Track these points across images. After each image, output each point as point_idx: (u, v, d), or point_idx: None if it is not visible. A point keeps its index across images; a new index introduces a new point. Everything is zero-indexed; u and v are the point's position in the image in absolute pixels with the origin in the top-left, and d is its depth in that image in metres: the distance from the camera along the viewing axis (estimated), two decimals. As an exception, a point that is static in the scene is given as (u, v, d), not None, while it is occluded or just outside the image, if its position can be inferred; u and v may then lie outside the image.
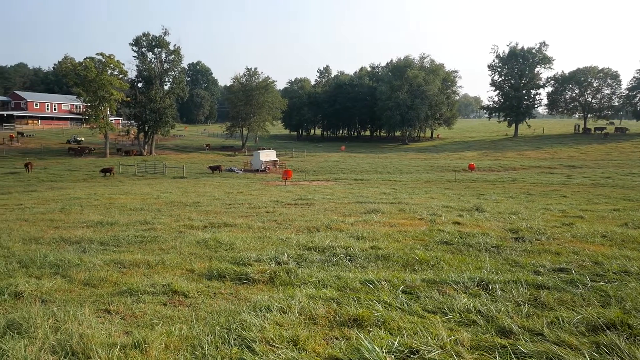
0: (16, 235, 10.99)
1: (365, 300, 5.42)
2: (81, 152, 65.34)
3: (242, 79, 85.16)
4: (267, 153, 56.45)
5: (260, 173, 50.71)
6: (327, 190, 26.79)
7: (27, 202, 21.25)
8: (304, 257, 7.87)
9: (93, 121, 65.29)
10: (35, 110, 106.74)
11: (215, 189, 29.17)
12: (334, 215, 14.19)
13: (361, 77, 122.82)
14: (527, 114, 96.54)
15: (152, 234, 10.70)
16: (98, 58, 64.01)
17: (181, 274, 7.07)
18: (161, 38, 69.52)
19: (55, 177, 44.23)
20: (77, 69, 62.79)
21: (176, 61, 72.71)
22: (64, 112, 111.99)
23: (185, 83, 78.88)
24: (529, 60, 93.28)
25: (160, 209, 16.86)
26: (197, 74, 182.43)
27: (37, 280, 6.66)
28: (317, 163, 58.91)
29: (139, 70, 70.49)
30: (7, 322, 4.72)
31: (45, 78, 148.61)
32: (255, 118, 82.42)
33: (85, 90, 63.05)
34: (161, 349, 4.13)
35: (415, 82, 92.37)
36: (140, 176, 46.27)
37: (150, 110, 68.70)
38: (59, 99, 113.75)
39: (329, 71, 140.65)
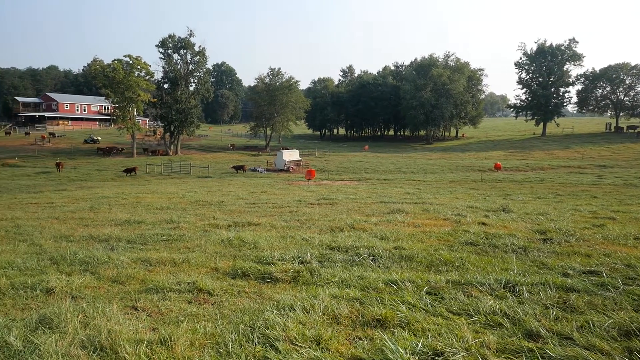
0: (48, 233, 11.32)
1: (389, 301, 5.38)
2: (109, 152, 66.87)
3: (266, 79, 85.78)
4: (291, 153, 56.66)
5: (284, 173, 50.95)
6: (350, 190, 26.73)
7: (58, 200, 21.87)
8: (327, 257, 7.87)
9: (121, 122, 66.78)
10: (66, 111, 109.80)
11: (239, 188, 29.44)
12: (357, 215, 14.14)
13: (385, 76, 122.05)
14: (555, 113, 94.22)
15: (177, 233, 10.86)
16: (126, 60, 65.39)
17: (206, 272, 7.15)
18: (186, 39, 70.54)
19: (85, 177, 45.39)
20: (105, 70, 64.27)
21: (201, 62, 73.69)
22: (93, 113, 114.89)
23: (210, 84, 79.91)
24: (557, 58, 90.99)
25: (186, 208, 17.10)
26: (221, 75, 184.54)
27: (68, 276, 6.84)
28: (340, 163, 58.83)
29: (165, 72, 71.74)
30: (39, 317, 4.86)
31: (75, 80, 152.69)
32: (279, 118, 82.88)
33: (114, 92, 64.52)
34: (186, 346, 4.18)
35: (439, 81, 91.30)
36: (166, 175, 47.08)
37: (175, 111, 69.82)
38: (88, 100, 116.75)
39: (352, 71, 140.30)
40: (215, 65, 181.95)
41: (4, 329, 4.50)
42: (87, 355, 4.00)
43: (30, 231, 11.77)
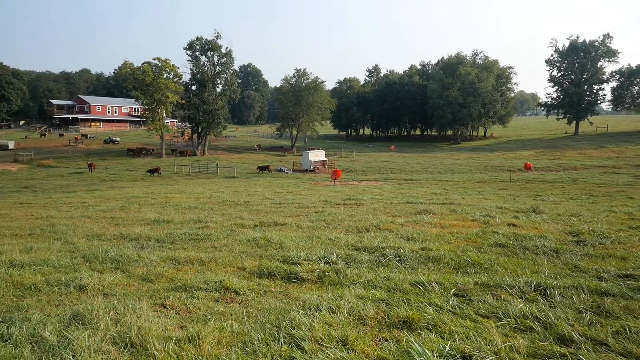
0: (80, 232, 11.65)
1: (416, 302, 5.33)
2: (139, 153, 68.40)
3: (292, 80, 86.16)
4: (316, 153, 56.77)
5: (310, 173, 51.08)
6: (376, 190, 26.59)
7: (90, 200, 22.48)
8: (352, 257, 7.84)
9: (150, 123, 68.22)
10: (98, 113, 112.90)
11: (265, 188, 29.66)
12: (383, 215, 14.05)
13: (411, 75, 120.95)
14: (588, 111, 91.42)
15: (205, 232, 11.00)
16: (155, 62, 66.78)
17: (233, 272, 7.22)
18: (213, 41, 71.51)
19: (116, 177, 46.54)
20: (135, 73, 65.77)
21: (228, 64, 74.62)
22: (123, 115, 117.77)
23: (236, 85, 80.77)
24: (591, 54, 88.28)
25: (213, 208, 17.33)
26: (248, 76, 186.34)
27: (99, 274, 7.02)
28: (366, 163, 58.61)
29: (193, 74, 72.93)
30: (72, 313, 5.00)
31: (106, 82, 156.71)
32: (305, 118, 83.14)
33: (143, 94, 65.98)
34: (214, 344, 4.23)
35: (467, 80, 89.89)
36: (194, 176, 47.83)
37: (203, 112, 70.91)
38: (119, 102, 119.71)
39: (378, 70, 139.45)
40: (242, 66, 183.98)
41: (40, 324, 4.65)
42: (118, 351, 4.09)
43: (64, 230, 12.14)
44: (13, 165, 56.91)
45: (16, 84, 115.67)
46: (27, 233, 11.89)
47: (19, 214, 16.98)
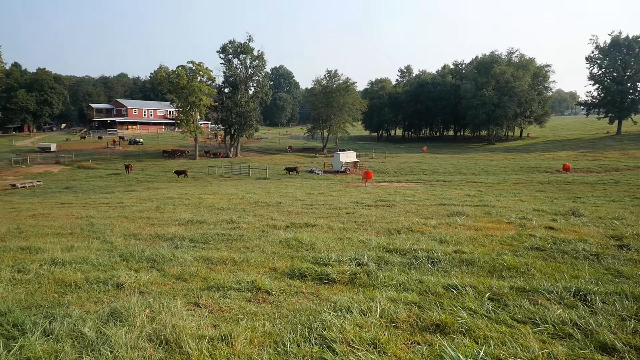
0: (118, 231, 12.00)
1: (449, 306, 5.23)
2: (174, 155, 69.96)
3: (323, 81, 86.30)
4: (348, 154, 56.66)
5: (341, 174, 51.02)
6: (408, 192, 26.32)
7: (127, 200, 23.14)
8: (384, 260, 7.78)
9: (184, 125, 69.72)
10: (134, 116, 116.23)
11: (296, 189, 29.81)
12: (416, 217, 13.88)
13: (444, 75, 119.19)
14: (632, 110, 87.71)
15: (237, 233, 11.14)
16: (189, 66, 68.21)
17: (264, 272, 7.28)
18: (246, 44, 72.40)
19: (151, 178, 47.75)
20: (170, 77, 67.36)
21: (260, 66, 75.40)
22: (158, 118, 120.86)
23: (268, 87, 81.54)
24: (635, 50, 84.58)
25: (245, 209, 17.53)
26: (279, 78, 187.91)
27: (136, 272, 7.20)
28: (398, 164, 58.11)
29: (226, 76, 74.05)
30: (110, 310, 5.15)
31: (142, 86, 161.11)
32: (336, 120, 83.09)
33: (178, 97, 67.50)
34: (246, 344, 4.27)
35: (502, 79, 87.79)
36: (226, 177, 48.55)
37: (235, 114, 71.89)
38: (154, 105, 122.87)
39: (410, 70, 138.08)
40: (274, 68, 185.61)
41: (79, 320, 4.82)
42: (153, 348, 4.18)
43: (102, 229, 12.53)
44: (55, 166, 59.20)
45: (58, 89, 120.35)
46: (68, 232, 12.34)
47: (61, 214, 17.64)
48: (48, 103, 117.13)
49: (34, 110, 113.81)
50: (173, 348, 4.18)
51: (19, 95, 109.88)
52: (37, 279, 6.86)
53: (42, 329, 4.62)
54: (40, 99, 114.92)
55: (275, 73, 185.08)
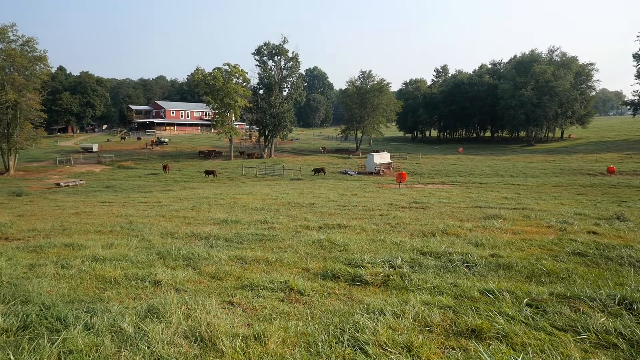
0: (155, 230, 12.32)
1: (485, 311, 5.11)
2: (209, 155, 71.30)
3: (357, 82, 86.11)
4: (381, 155, 56.29)
5: (374, 175, 50.74)
6: (443, 194, 25.91)
7: (164, 200, 23.73)
8: (418, 262, 7.67)
9: (220, 126, 70.99)
10: (172, 117, 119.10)
11: (329, 190, 29.83)
12: (451, 219, 13.65)
13: (481, 75, 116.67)
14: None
15: (271, 233, 11.24)
16: (225, 68, 69.44)
17: (297, 272, 7.31)
18: (280, 46, 73.08)
19: (188, 178, 48.79)
20: (206, 79, 68.72)
21: (294, 67, 75.94)
22: (195, 119, 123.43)
23: (302, 88, 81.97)
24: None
25: (279, 209, 17.67)
26: (313, 79, 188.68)
27: (172, 270, 7.37)
28: (433, 165, 57.28)
29: (260, 78, 74.98)
30: (148, 307, 5.29)
31: (180, 88, 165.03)
32: (370, 120, 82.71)
33: (214, 98, 68.81)
34: (279, 343, 4.30)
35: (542, 78, 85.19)
36: (260, 177, 49.08)
37: (270, 115, 72.65)
38: (191, 107, 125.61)
39: (446, 70, 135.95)
40: (308, 70, 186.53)
41: (119, 316, 4.97)
42: (188, 344, 4.27)
43: (140, 227, 12.89)
44: (97, 166, 61.36)
45: (100, 91, 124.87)
46: (108, 230, 12.76)
47: (101, 212, 18.26)
48: (90, 105, 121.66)
49: (77, 112, 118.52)
50: (208, 345, 4.25)
51: (64, 98, 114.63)
52: (79, 274, 7.12)
53: (83, 323, 4.78)
54: (83, 101, 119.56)
55: (309, 74, 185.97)
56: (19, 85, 53.54)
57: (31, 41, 56.45)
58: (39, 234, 12.45)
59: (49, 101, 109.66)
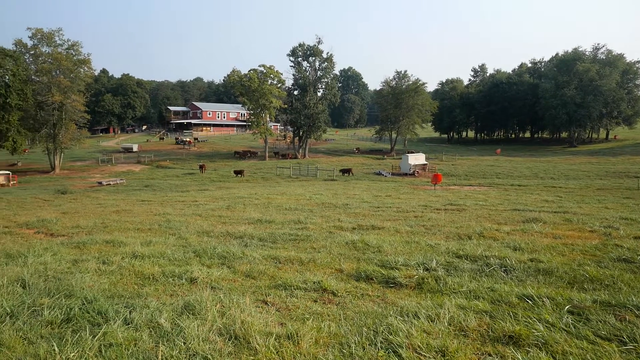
0: (192, 228, 12.58)
1: (523, 317, 4.96)
2: (244, 156, 72.28)
3: (392, 83, 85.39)
4: (416, 156, 55.61)
5: (409, 177, 50.18)
6: (479, 196, 25.36)
7: (200, 199, 24.22)
8: (453, 265, 7.54)
9: (255, 127, 71.89)
10: (208, 118, 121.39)
11: (363, 191, 29.71)
12: (488, 222, 13.34)
13: (520, 74, 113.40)
14: None
15: (304, 233, 11.28)
16: (260, 69, 70.25)
17: (330, 273, 7.31)
18: (315, 47, 73.32)
19: (223, 178, 49.61)
20: (242, 80, 69.71)
21: (329, 68, 76.00)
22: (231, 120, 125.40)
23: (336, 89, 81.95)
24: None
25: (312, 210, 17.72)
26: (348, 80, 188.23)
27: (208, 268, 7.51)
28: (469, 167, 56.14)
29: (295, 79, 75.43)
30: (184, 303, 5.41)
31: (216, 90, 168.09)
32: (405, 121, 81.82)
33: (249, 99, 69.72)
34: (311, 343, 4.31)
35: (586, 77, 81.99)
36: (294, 178, 49.37)
37: (304, 116, 73.01)
38: (227, 108, 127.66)
39: (484, 70, 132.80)
40: (342, 70, 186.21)
41: (156, 312, 5.10)
42: (223, 342, 4.33)
43: (177, 226, 13.20)
44: (136, 166, 63.24)
45: (140, 93, 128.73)
46: (147, 228, 13.13)
47: (141, 210, 18.80)
48: (131, 106, 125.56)
49: (118, 113, 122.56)
50: (242, 343, 4.31)
51: (106, 99, 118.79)
52: (119, 270, 7.35)
53: (123, 317, 4.93)
54: (124, 102, 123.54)
55: (344, 75, 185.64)
56: (64, 87, 55.81)
57: (76, 45, 58.81)
58: (82, 230, 12.95)
59: (92, 103, 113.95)
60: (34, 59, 57.50)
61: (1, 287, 5.96)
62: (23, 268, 7.29)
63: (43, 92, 56.38)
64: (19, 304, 5.35)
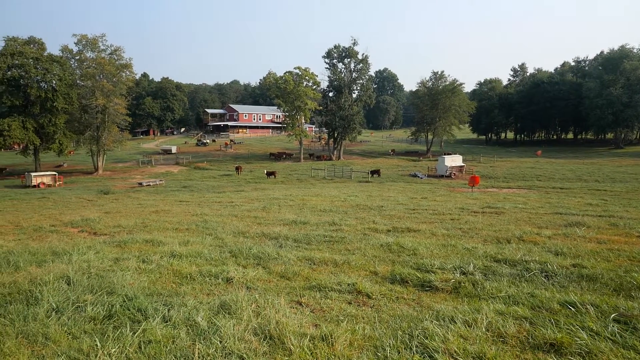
0: (228, 229, 12.79)
1: (565, 325, 4.78)
2: (280, 157, 72.97)
3: (428, 83, 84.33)
4: (453, 158, 54.62)
5: (445, 179, 49.36)
6: (519, 199, 24.66)
7: (236, 200, 24.58)
8: (491, 270, 7.35)
9: (290, 129, 72.45)
10: (245, 120, 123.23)
11: (398, 193, 29.43)
12: (528, 226, 12.95)
13: (563, 73, 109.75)
14: None
15: (339, 235, 11.27)
16: (295, 71, 70.77)
17: (365, 275, 7.27)
18: (350, 48, 73.24)
19: (259, 179, 50.18)
20: (278, 82, 70.43)
21: (364, 70, 75.75)
22: (266, 122, 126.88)
23: (372, 90, 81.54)
24: None
25: (347, 211, 17.68)
26: (383, 81, 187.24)
27: (244, 269, 7.61)
28: (508, 169, 54.68)
29: (330, 81, 75.53)
30: (220, 303, 5.50)
31: (252, 92, 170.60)
32: (441, 122, 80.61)
33: (284, 101, 70.35)
34: (346, 345, 4.29)
35: (634, 75, 78.41)
36: (329, 179, 49.41)
37: (339, 118, 73.02)
38: (262, 110, 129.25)
39: (524, 69, 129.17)
40: (378, 71, 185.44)
41: (193, 310, 5.21)
42: (258, 341, 4.38)
43: (214, 226, 13.44)
44: (175, 167, 64.85)
45: (179, 96, 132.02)
46: (184, 228, 13.43)
47: (179, 211, 19.26)
48: (170, 109, 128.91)
49: (158, 115, 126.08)
50: (276, 343, 4.34)
51: (146, 103, 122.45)
52: (158, 269, 7.55)
53: (161, 315, 5.07)
54: (164, 105, 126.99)
55: (379, 76, 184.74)
56: (107, 91, 57.91)
57: (118, 50, 60.93)
58: (123, 229, 13.38)
59: (133, 106, 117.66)
60: (79, 64, 59.91)
61: (48, 283, 6.23)
62: (68, 265, 7.60)
63: (87, 95, 58.68)
64: (64, 300, 5.59)
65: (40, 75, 54.76)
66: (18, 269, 7.59)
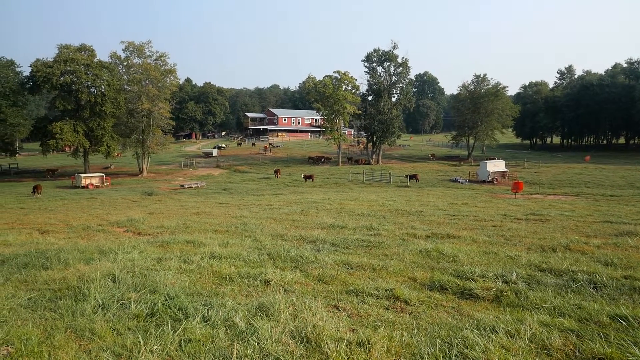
0: (267, 231, 12.93)
1: (616, 339, 4.55)
2: (318, 161, 73.23)
3: (470, 87, 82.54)
4: (495, 163, 53.21)
5: (487, 184, 48.14)
6: (565, 206, 23.74)
7: (275, 203, 24.83)
8: (535, 279, 7.10)
9: (329, 133, 72.60)
10: (284, 124, 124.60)
11: (438, 199, 28.93)
12: (575, 234, 12.44)
13: (614, 75, 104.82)
14: None
15: (377, 240, 11.19)
16: (334, 75, 70.91)
17: (403, 281, 7.18)
18: (390, 52, 72.73)
19: (297, 183, 50.52)
20: (317, 86, 70.79)
21: (404, 73, 75.01)
22: (305, 126, 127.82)
23: (411, 94, 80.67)
24: None
25: (385, 216, 17.54)
26: (423, 85, 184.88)
27: (281, 271, 7.66)
28: (554, 175, 52.75)
29: (369, 84, 75.22)
30: (258, 304, 5.55)
31: (292, 96, 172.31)
32: (483, 126, 78.71)
33: (323, 105, 70.62)
34: (383, 351, 4.24)
35: (691, 77, 74.23)
36: (367, 184, 49.16)
37: (378, 122, 72.59)
38: (301, 114, 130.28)
39: (571, 71, 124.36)
40: (418, 75, 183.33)
41: (232, 311, 5.29)
42: (295, 344, 4.39)
43: (253, 228, 13.63)
44: (216, 170, 66.20)
45: (220, 100, 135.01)
46: (224, 229, 13.68)
47: (219, 213, 19.64)
48: (212, 113, 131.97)
49: (200, 119, 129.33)
50: (313, 347, 4.34)
51: (189, 107, 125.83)
52: (199, 269, 7.71)
53: (201, 315, 5.17)
54: (206, 109, 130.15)
55: (419, 79, 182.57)
56: (152, 95, 59.90)
57: (163, 56, 62.95)
58: (165, 230, 13.77)
59: (177, 110, 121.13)
60: (126, 69, 62.23)
61: (95, 281, 6.48)
62: (113, 264, 7.88)
63: (134, 100, 60.87)
64: (109, 297, 5.80)
65: (90, 80, 57.25)
66: (67, 266, 7.93)
